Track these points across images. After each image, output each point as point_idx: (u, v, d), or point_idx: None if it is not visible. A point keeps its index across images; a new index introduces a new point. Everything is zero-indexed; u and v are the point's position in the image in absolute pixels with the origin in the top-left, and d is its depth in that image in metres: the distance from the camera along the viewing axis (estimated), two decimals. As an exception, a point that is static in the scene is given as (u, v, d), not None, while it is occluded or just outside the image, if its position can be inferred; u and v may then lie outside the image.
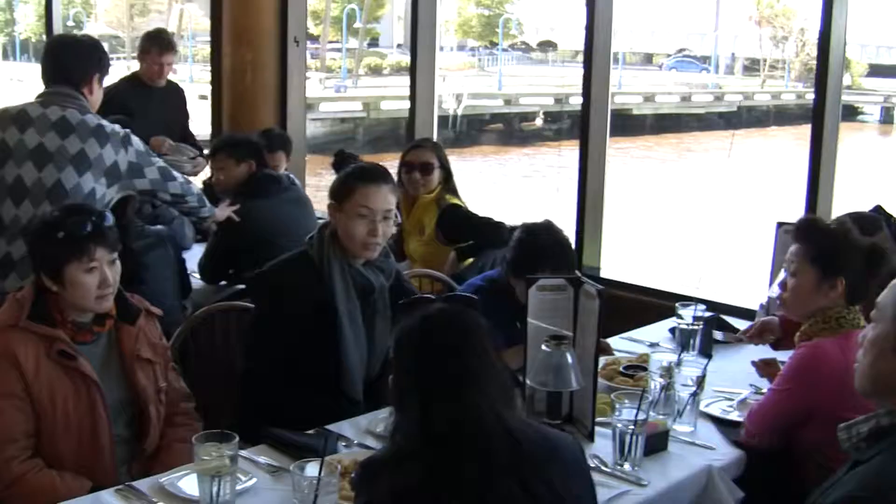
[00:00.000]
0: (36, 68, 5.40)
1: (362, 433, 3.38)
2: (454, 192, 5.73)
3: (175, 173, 4.72)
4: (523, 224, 4.30)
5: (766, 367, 3.91)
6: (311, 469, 2.68)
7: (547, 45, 61.86)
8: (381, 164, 4.13)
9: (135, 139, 4.52)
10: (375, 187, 3.76)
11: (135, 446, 3.41)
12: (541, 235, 4.18)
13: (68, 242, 3.26)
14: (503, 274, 4.30)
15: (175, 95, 7.37)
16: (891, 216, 3.76)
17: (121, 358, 3.41)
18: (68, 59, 4.54)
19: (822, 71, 5.32)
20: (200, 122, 7.97)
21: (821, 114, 5.35)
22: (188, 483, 2.90)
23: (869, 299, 2.84)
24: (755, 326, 4.20)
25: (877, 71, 55.29)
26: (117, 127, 4.48)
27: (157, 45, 7.07)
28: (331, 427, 3.38)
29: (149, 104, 6.89)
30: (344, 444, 3.27)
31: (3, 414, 3.16)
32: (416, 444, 2.35)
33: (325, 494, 2.64)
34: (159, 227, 5.36)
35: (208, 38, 8.34)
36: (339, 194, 3.79)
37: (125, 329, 3.42)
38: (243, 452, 3.06)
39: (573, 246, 4.42)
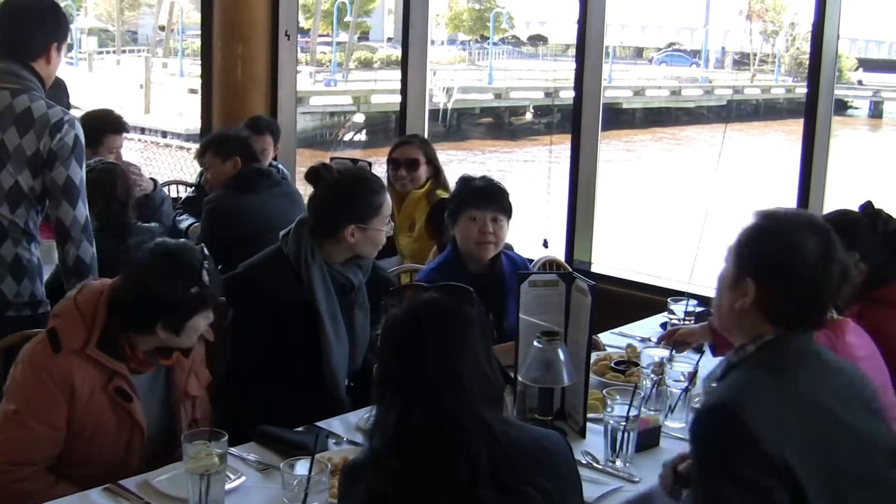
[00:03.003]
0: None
1: (352, 430, 3.36)
2: (445, 187, 5.71)
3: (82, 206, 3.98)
4: (461, 176, 4.44)
5: (668, 337, 4.02)
6: (301, 467, 2.66)
7: (538, 40, 61.89)
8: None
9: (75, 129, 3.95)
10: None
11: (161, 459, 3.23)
12: (474, 179, 4.32)
13: (199, 297, 3.16)
14: (451, 246, 4.32)
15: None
16: (879, 213, 3.72)
17: (168, 390, 3.31)
18: (21, 27, 3.92)
19: (815, 65, 5.33)
20: (191, 117, 7.95)
21: (813, 108, 5.35)
22: (177, 481, 2.87)
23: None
24: (667, 334, 4.18)
25: (866, 65, 55.46)
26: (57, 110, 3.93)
27: None
28: (321, 424, 3.35)
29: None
30: (334, 441, 3.25)
31: (34, 439, 3.03)
32: (393, 445, 2.24)
33: (316, 493, 2.62)
34: (152, 224, 5.34)
35: (199, 32, 8.30)
36: (361, 216, 3.76)
37: (180, 361, 3.31)
38: (233, 450, 3.04)
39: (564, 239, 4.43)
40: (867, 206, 3.70)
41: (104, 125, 6.01)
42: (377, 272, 4.03)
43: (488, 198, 4.21)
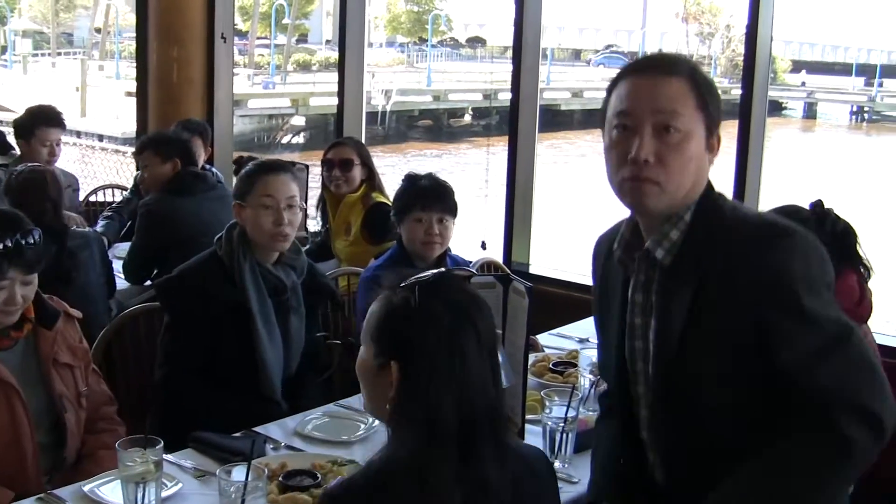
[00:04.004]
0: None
1: (290, 435, 3.34)
2: (380, 191, 5.71)
3: None
4: (406, 174, 4.42)
5: None
6: (238, 473, 2.63)
7: (476, 42, 62.00)
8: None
9: None
10: (275, 176, 3.80)
11: (57, 454, 3.28)
12: (421, 179, 4.32)
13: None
14: (398, 243, 4.34)
15: None
16: (828, 213, 3.76)
17: (39, 363, 3.29)
18: None
19: (749, 66, 5.38)
20: (128, 120, 7.89)
21: (748, 109, 5.40)
22: (112, 490, 2.83)
23: None
24: None
25: (800, 67, 56.15)
26: None
27: None
28: (258, 429, 3.33)
29: None
30: (272, 446, 3.23)
31: None
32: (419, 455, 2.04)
33: (253, 498, 2.60)
34: (86, 229, 5.29)
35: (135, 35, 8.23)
36: (241, 192, 3.81)
37: (43, 333, 3.29)
38: (169, 457, 3.00)
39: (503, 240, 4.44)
40: (817, 205, 3.74)
41: (38, 117, 6.01)
42: (315, 277, 4.03)
43: (434, 198, 4.23)
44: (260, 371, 3.71)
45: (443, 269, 2.17)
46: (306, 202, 6.72)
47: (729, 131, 5.47)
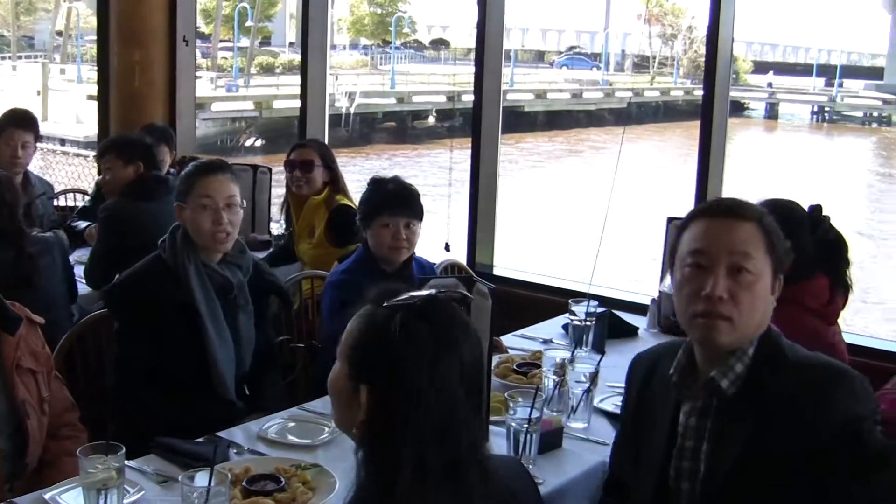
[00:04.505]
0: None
1: (254, 440, 3.32)
2: (344, 193, 5.70)
3: None
4: (370, 178, 4.39)
5: None
6: (201, 478, 2.61)
7: (439, 44, 62.15)
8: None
9: None
10: (213, 176, 3.82)
11: (18, 461, 3.24)
12: (387, 183, 4.30)
13: None
14: (364, 246, 4.32)
15: None
16: (824, 219, 3.79)
17: (1, 369, 3.24)
18: None
19: (711, 67, 5.41)
20: (90, 124, 7.83)
21: (710, 109, 5.43)
22: (74, 497, 2.80)
23: None
24: None
25: (761, 67, 56.57)
26: None
27: None
28: (221, 434, 3.32)
29: None
30: (235, 451, 3.21)
31: None
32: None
33: (216, 504, 2.58)
34: (47, 233, 5.24)
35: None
36: (181, 193, 3.84)
37: (5, 339, 3.26)
38: (131, 463, 2.98)
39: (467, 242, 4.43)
40: (815, 210, 3.78)
41: (9, 119, 5.97)
42: (261, 275, 4.05)
43: (402, 204, 4.21)
44: (212, 370, 3.72)
45: (433, 291, 2.11)
46: (269, 205, 6.72)
47: (691, 132, 5.54)
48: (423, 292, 2.10)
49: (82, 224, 6.13)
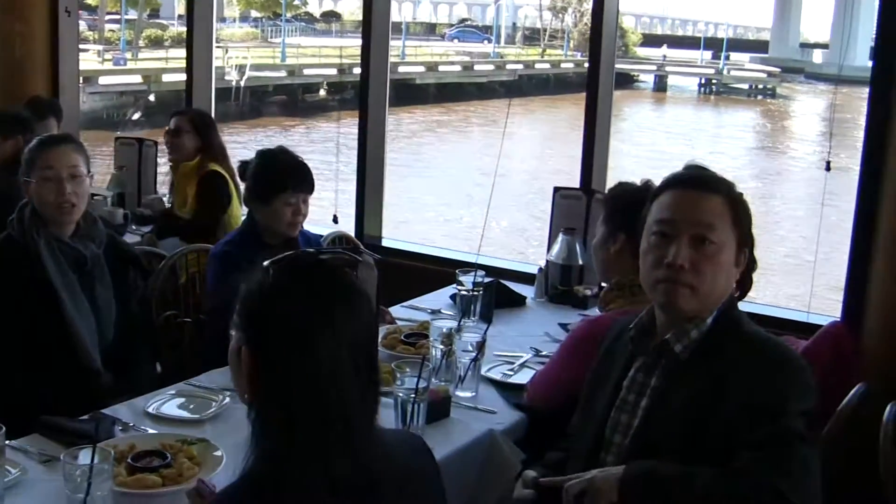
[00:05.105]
0: None
1: (139, 416, 3.27)
2: (218, 160, 5.68)
3: None
4: (257, 152, 4.35)
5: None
6: (84, 456, 2.55)
7: (330, 16, 61.80)
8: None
9: None
10: (55, 147, 3.79)
11: None
12: (279, 157, 4.27)
13: None
14: (248, 219, 4.30)
15: None
16: None
17: None
18: None
19: (596, 39, 5.47)
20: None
21: (595, 80, 5.48)
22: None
23: None
24: None
25: (651, 40, 57.31)
26: None
27: None
28: (107, 411, 3.27)
29: None
30: (120, 427, 3.16)
31: None
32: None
33: (100, 482, 2.53)
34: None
35: (-27, 9, 7.95)
36: (25, 168, 3.78)
37: None
38: (13, 443, 2.92)
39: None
40: None
41: None
42: (117, 245, 4.02)
43: (302, 179, 4.18)
44: (75, 344, 3.69)
45: (313, 250, 2.08)
46: (155, 178, 6.65)
47: (581, 104, 5.58)
48: (306, 252, 2.09)
49: None
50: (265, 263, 2.04)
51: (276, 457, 1.92)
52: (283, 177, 4.16)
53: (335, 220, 6.04)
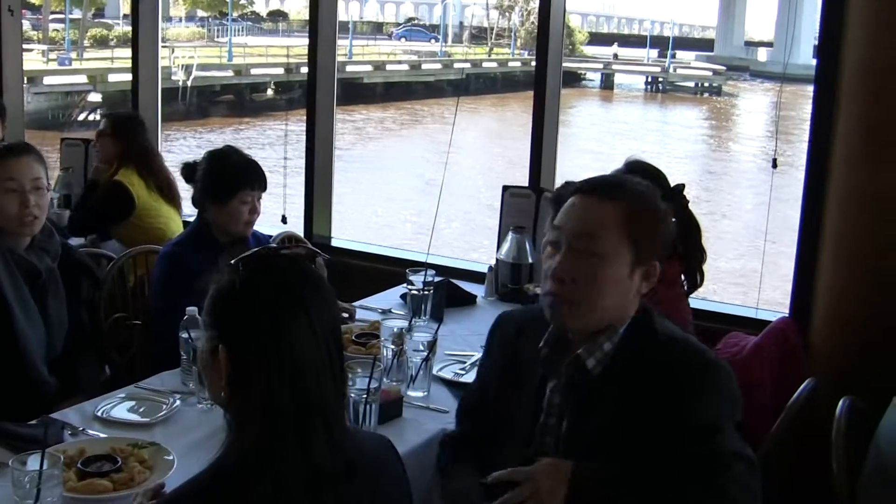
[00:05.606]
0: None
1: (89, 420, 3.24)
2: (137, 166, 5.65)
3: None
4: (206, 153, 4.29)
5: None
6: (33, 462, 2.53)
7: (277, 16, 61.61)
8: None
9: None
10: (17, 159, 3.69)
11: None
12: (231, 156, 4.24)
13: None
14: (199, 219, 4.26)
15: None
16: (684, 200, 3.78)
17: None
18: None
19: (543, 37, 5.46)
20: None
21: (543, 78, 5.48)
22: None
23: None
24: None
25: (597, 39, 57.64)
26: None
27: None
28: (55, 416, 3.23)
29: None
30: (69, 432, 3.13)
31: None
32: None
33: (49, 488, 2.51)
34: None
35: (-88, 8, 7.84)
36: None
37: None
38: (-40, 449, 2.89)
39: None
40: (678, 189, 3.75)
41: None
42: (72, 255, 3.98)
43: (256, 178, 4.16)
44: (24, 355, 3.63)
45: (275, 245, 2.08)
46: (85, 178, 6.62)
47: (529, 102, 5.60)
48: (270, 247, 2.12)
49: None
50: (233, 262, 2.04)
51: (258, 448, 1.93)
52: (239, 175, 4.14)
53: (284, 220, 6.02)
